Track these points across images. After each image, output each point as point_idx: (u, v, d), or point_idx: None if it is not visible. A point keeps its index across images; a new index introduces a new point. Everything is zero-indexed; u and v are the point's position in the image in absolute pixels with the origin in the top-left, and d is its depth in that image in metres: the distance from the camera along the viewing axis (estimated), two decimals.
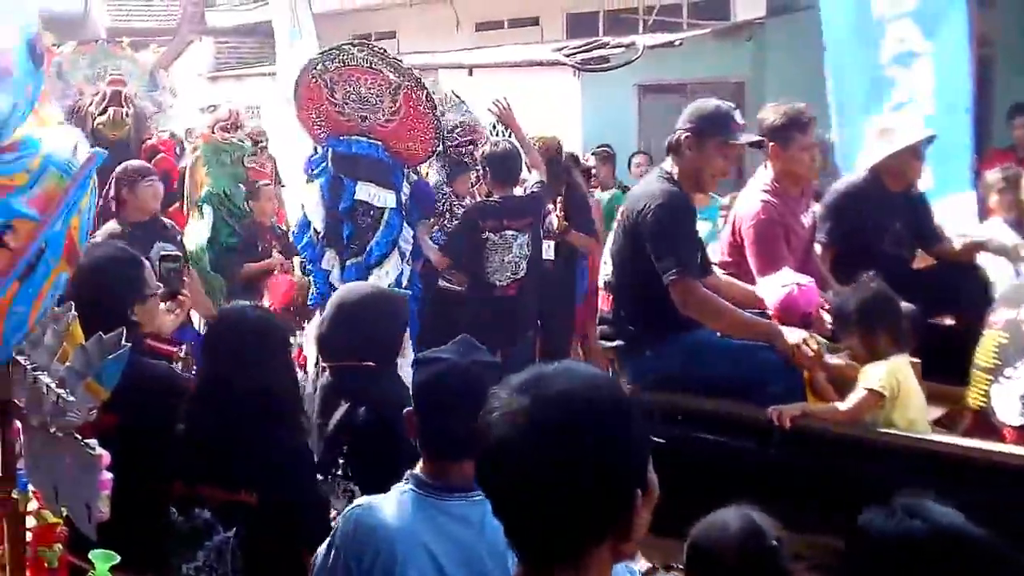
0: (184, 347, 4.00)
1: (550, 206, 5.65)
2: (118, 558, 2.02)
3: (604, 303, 3.41)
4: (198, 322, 4.57)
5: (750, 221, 3.47)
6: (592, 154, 7.17)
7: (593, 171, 7.04)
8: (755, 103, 8.38)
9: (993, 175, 5.14)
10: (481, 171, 5.21)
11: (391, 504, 1.88)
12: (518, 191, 5.26)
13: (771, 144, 3.53)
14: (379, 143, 4.90)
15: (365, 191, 4.84)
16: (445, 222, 5.31)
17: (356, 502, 1.95)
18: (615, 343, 3.32)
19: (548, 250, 5.49)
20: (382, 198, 4.83)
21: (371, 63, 4.95)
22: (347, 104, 4.85)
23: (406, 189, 4.89)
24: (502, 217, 5.02)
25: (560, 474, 1.15)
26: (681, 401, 3.15)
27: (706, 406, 3.13)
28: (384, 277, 4.75)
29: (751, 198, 3.59)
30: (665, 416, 3.12)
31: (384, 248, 4.84)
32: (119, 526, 2.00)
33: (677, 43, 8.05)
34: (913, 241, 3.96)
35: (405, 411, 1.89)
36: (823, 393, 3.06)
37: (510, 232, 5.04)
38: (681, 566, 2.11)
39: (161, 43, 10.80)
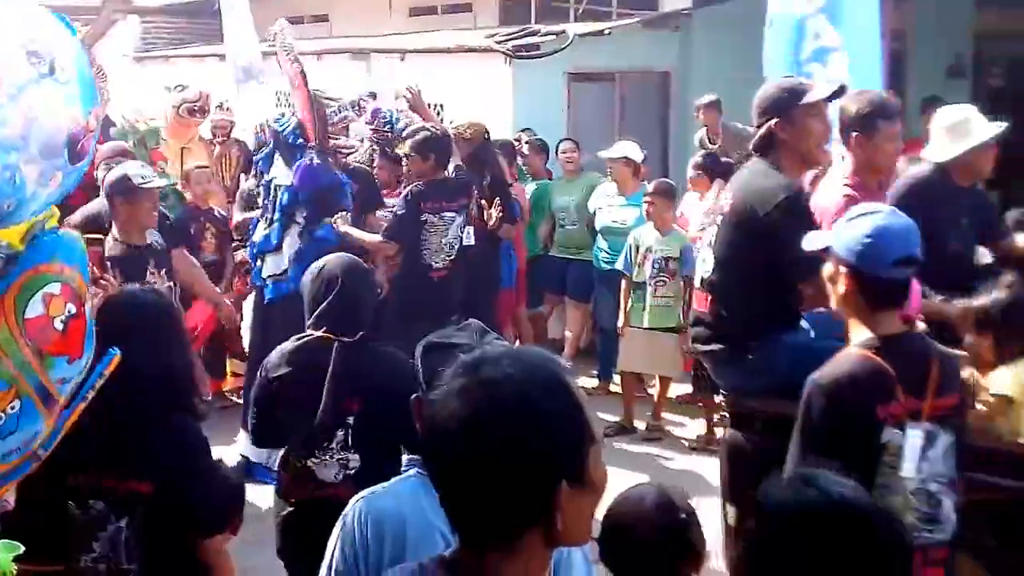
0: None
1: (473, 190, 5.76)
2: (22, 548, 2.01)
3: (700, 303, 3.22)
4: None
5: (833, 216, 3.11)
6: (526, 142, 7.25)
7: (523, 158, 7.14)
8: (681, 92, 8.65)
9: (901, 165, 5.41)
10: (415, 155, 5.29)
11: (396, 492, 1.89)
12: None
13: (854, 134, 3.36)
14: (294, 122, 5.28)
15: (276, 168, 5.34)
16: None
17: (357, 496, 1.93)
18: (712, 346, 3.12)
19: (469, 235, 5.59)
20: (281, 175, 5.28)
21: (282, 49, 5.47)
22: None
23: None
24: (441, 199, 5.12)
25: (484, 457, 1.18)
26: (790, 408, 2.74)
27: None
28: (285, 252, 5.17)
29: (832, 191, 3.41)
30: (771, 424, 2.88)
31: (280, 225, 5.22)
32: (24, 517, 2.03)
33: (606, 32, 8.20)
34: (977, 238, 3.86)
35: (413, 397, 1.86)
36: None
37: (448, 214, 5.14)
38: None
39: (85, 21, 10.51)
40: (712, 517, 1.55)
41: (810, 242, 2.58)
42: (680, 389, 6.22)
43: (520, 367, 1.22)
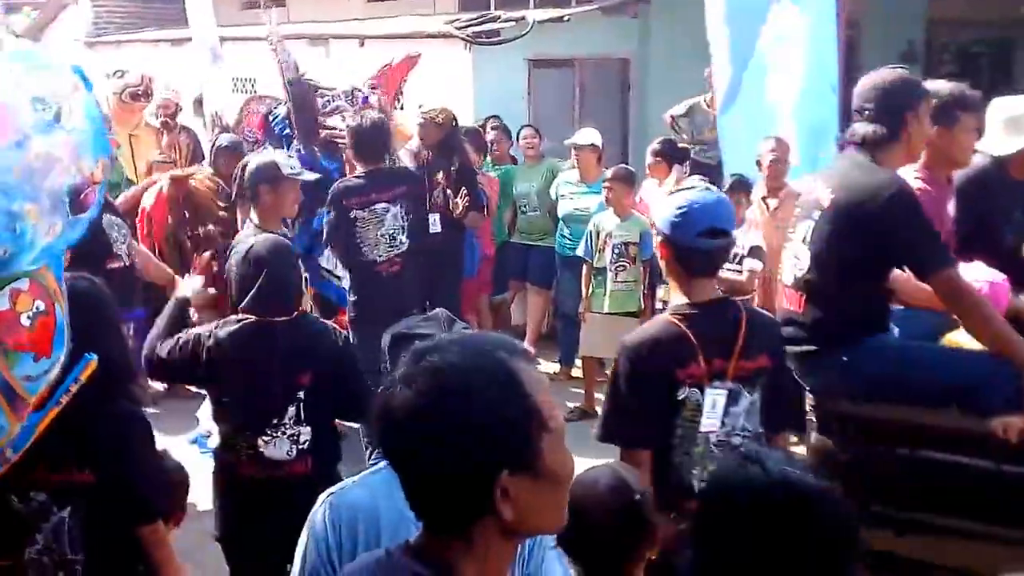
0: (131, 325, 4.10)
1: (440, 176, 5.74)
2: None
3: (792, 302, 3.04)
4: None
5: None
6: (492, 128, 7.24)
7: (492, 144, 7.12)
8: (640, 79, 8.69)
9: None
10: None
11: (368, 484, 1.89)
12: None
13: (934, 126, 3.18)
14: (283, 112, 5.45)
15: None
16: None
17: (326, 492, 1.93)
18: (803, 347, 2.95)
19: (435, 223, 5.56)
20: None
21: None
22: None
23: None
24: (368, 192, 5.02)
25: (426, 445, 1.19)
26: (886, 412, 2.80)
27: (918, 417, 2.78)
28: None
29: None
30: (863, 429, 2.84)
31: None
32: None
33: (566, 18, 8.21)
34: None
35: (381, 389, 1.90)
36: None
37: (380, 205, 5.04)
38: None
39: (35, 6, 10.27)
40: None
41: None
42: None
43: (465, 354, 1.22)
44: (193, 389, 5.92)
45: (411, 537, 1.57)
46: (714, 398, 2.53)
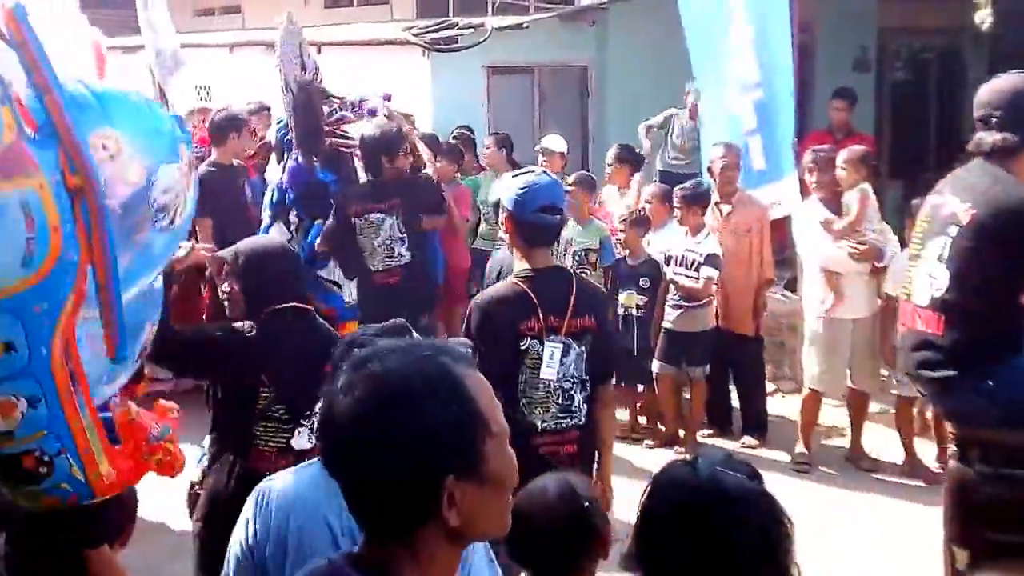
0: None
1: None
2: None
3: (929, 324, 2.85)
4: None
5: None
6: (453, 138, 7.20)
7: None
8: (599, 87, 8.72)
9: (808, 156, 5.59)
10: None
11: (294, 477, 1.92)
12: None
13: None
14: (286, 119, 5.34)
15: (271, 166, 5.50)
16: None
17: (270, 476, 1.98)
18: (942, 372, 2.81)
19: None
20: (272, 173, 5.44)
21: None
22: None
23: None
24: (366, 200, 5.11)
25: (367, 452, 1.18)
26: None
27: None
28: None
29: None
30: (1006, 457, 2.70)
31: (270, 221, 5.26)
32: None
33: (524, 26, 8.22)
34: None
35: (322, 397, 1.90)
36: None
37: (375, 215, 5.10)
38: None
39: None
40: (635, 501, 1.57)
41: None
42: None
43: (406, 360, 1.21)
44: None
45: (324, 536, 1.56)
46: (552, 349, 3.01)
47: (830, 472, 5.39)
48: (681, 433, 5.72)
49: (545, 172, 3.24)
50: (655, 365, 5.61)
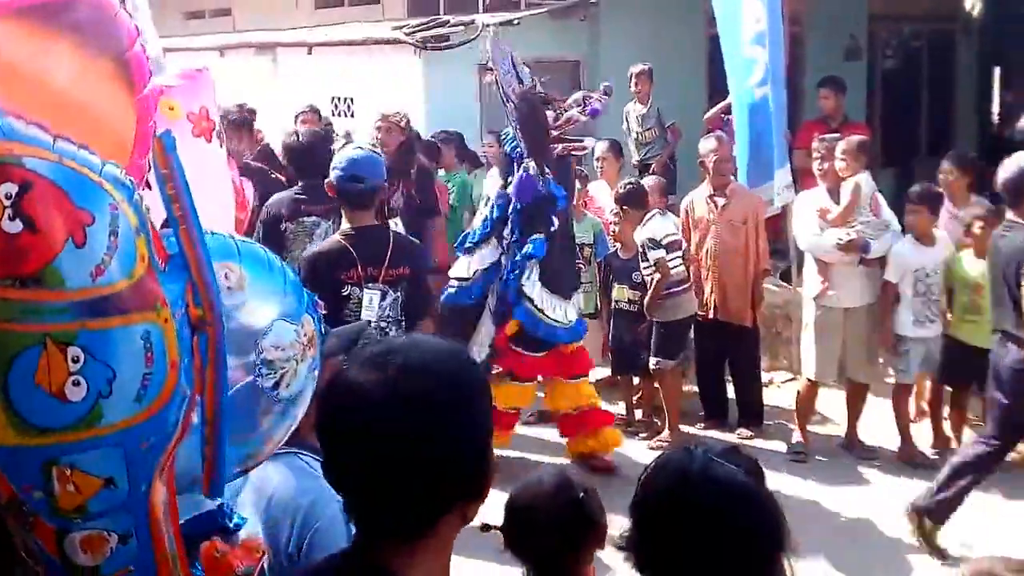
0: None
1: (400, 181, 5.74)
2: None
3: None
4: None
5: None
6: (432, 137, 7.22)
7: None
8: (591, 82, 8.72)
9: (815, 144, 5.58)
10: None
11: (278, 463, 1.94)
12: None
13: None
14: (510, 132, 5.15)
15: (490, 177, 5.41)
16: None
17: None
18: None
19: (397, 227, 5.55)
20: (490, 186, 5.48)
21: None
22: None
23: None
24: (297, 204, 4.92)
25: (415, 447, 1.15)
26: None
27: None
28: (476, 260, 5.07)
29: None
30: None
31: (483, 232, 5.10)
32: None
33: (515, 22, 8.23)
34: None
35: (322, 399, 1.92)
36: None
37: (309, 219, 4.91)
38: None
39: None
40: (629, 493, 1.57)
41: None
42: (599, 373, 6.30)
43: (430, 354, 1.22)
44: None
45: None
46: (370, 296, 3.62)
47: (826, 461, 5.41)
48: (685, 428, 5.69)
49: (360, 147, 3.93)
50: (651, 361, 5.58)
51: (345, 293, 3.62)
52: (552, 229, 4.96)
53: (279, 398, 1.67)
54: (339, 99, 8.52)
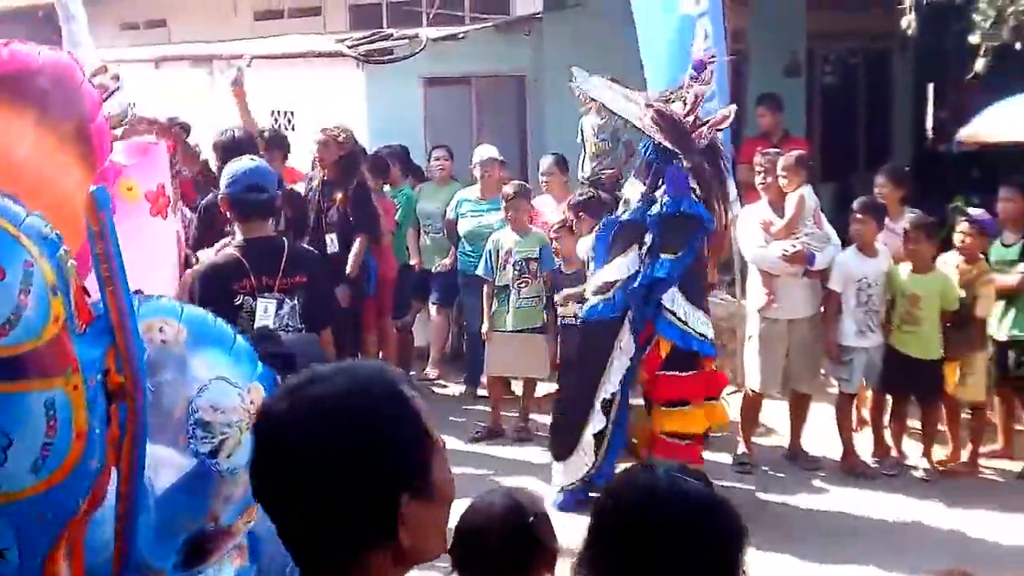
0: None
1: (338, 196, 5.65)
2: None
3: None
4: None
5: None
6: (377, 151, 7.13)
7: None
8: (536, 97, 8.73)
9: (756, 158, 5.64)
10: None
11: None
12: None
13: None
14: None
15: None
16: None
17: None
18: None
19: (332, 243, 5.47)
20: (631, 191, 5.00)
21: None
22: None
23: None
24: None
25: (319, 477, 1.14)
26: None
27: None
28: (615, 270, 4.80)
29: None
30: None
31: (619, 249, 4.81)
32: None
33: (460, 36, 8.19)
34: None
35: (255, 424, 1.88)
36: None
37: None
38: None
39: None
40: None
41: None
42: (545, 388, 6.26)
43: (352, 380, 1.20)
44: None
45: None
46: (265, 304, 3.62)
47: (771, 472, 5.44)
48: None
49: (252, 159, 3.91)
50: None
51: (238, 303, 3.62)
52: (691, 252, 4.68)
53: (219, 468, 1.57)
54: (279, 112, 8.38)
